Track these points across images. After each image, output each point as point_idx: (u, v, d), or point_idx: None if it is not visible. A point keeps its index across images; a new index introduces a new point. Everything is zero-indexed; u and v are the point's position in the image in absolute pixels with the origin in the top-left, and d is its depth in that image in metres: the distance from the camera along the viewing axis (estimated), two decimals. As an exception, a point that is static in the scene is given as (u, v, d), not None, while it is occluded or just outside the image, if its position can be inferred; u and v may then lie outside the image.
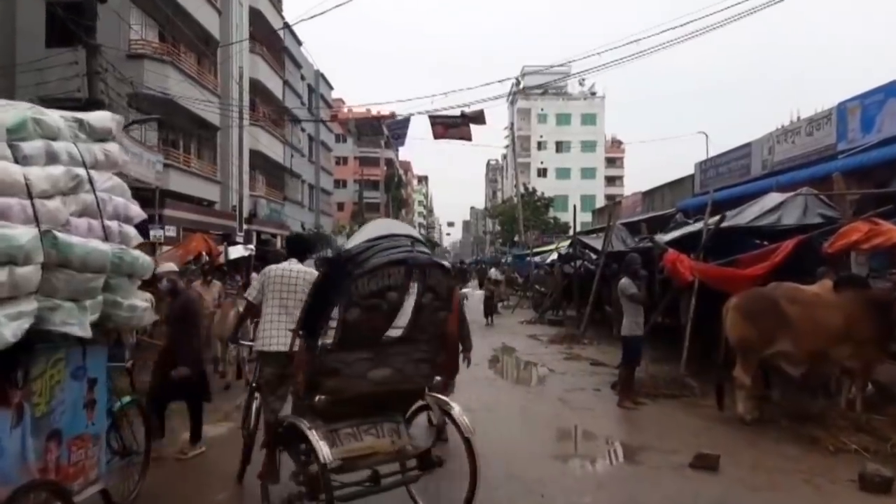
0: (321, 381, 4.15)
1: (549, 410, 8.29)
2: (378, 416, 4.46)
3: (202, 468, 5.90)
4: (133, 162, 18.68)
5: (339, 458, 4.07)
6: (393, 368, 4.39)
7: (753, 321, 7.46)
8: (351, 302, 4.08)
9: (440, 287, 4.41)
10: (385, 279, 4.12)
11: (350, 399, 4.27)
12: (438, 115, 16.75)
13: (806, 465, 6.01)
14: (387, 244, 4.24)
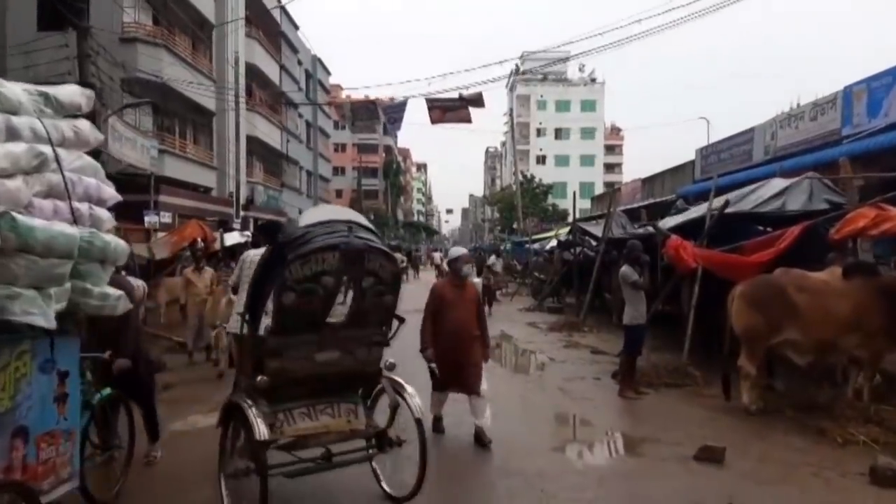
0: (264, 362, 4.30)
1: (549, 400, 8.08)
2: (334, 396, 4.59)
3: (190, 460, 5.66)
4: (127, 147, 18.45)
5: (291, 435, 4.30)
6: (342, 351, 4.54)
7: (760, 309, 7.23)
8: (285, 286, 4.20)
9: (383, 272, 4.52)
10: (319, 264, 4.24)
11: (298, 380, 4.42)
12: (436, 98, 16.40)
13: (814, 457, 5.81)
14: (322, 230, 4.35)
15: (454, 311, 6.33)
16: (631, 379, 8.33)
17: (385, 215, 70.40)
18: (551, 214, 52.58)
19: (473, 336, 6.37)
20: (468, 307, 6.42)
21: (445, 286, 6.58)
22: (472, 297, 6.52)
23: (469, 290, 6.55)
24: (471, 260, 6.68)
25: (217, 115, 27.05)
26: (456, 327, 6.29)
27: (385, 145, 76.82)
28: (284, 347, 4.34)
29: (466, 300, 6.43)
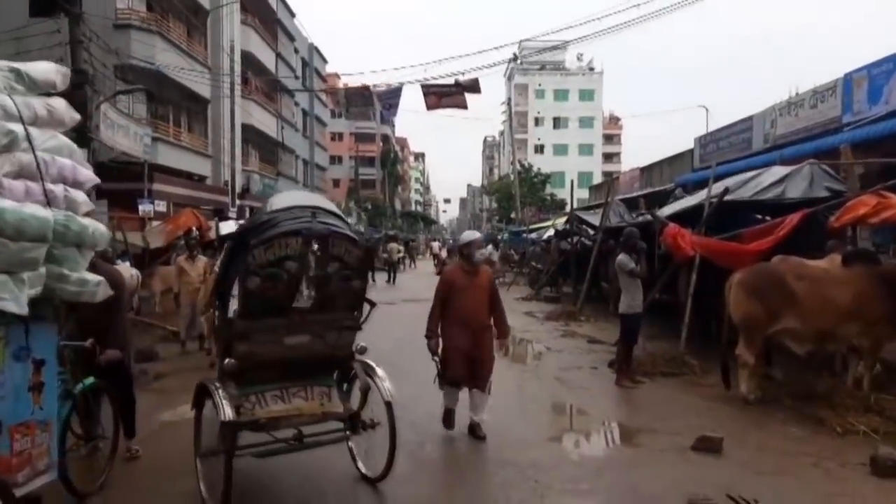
0: (233, 345, 4.42)
1: (545, 390, 7.97)
2: (308, 380, 4.67)
3: (178, 450, 5.53)
4: (120, 135, 18.24)
5: (263, 417, 4.39)
6: (312, 335, 4.60)
7: (758, 297, 7.12)
8: (249, 271, 4.30)
9: (349, 257, 4.58)
10: (282, 249, 4.32)
11: (268, 363, 4.51)
12: (432, 84, 16.16)
13: (813, 447, 5.72)
14: (286, 216, 4.44)
15: (464, 299, 5.96)
16: (628, 368, 8.23)
17: (382, 205, 70.17)
18: (549, 204, 52.41)
19: (485, 326, 6.03)
20: (480, 295, 6.00)
21: (456, 272, 6.17)
22: (484, 284, 6.07)
23: (482, 277, 6.11)
24: (482, 245, 6.28)
25: (212, 103, 26.80)
26: (465, 316, 5.93)
27: (382, 134, 76.45)
28: (252, 331, 4.42)
29: (478, 287, 6.01)
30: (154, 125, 21.80)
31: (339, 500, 4.84)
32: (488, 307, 6.05)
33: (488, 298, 6.06)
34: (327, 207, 4.72)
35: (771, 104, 17.24)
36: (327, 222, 4.52)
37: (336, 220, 4.63)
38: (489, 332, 6.07)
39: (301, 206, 4.57)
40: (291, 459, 5.02)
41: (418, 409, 6.87)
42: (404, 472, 5.19)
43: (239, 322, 4.40)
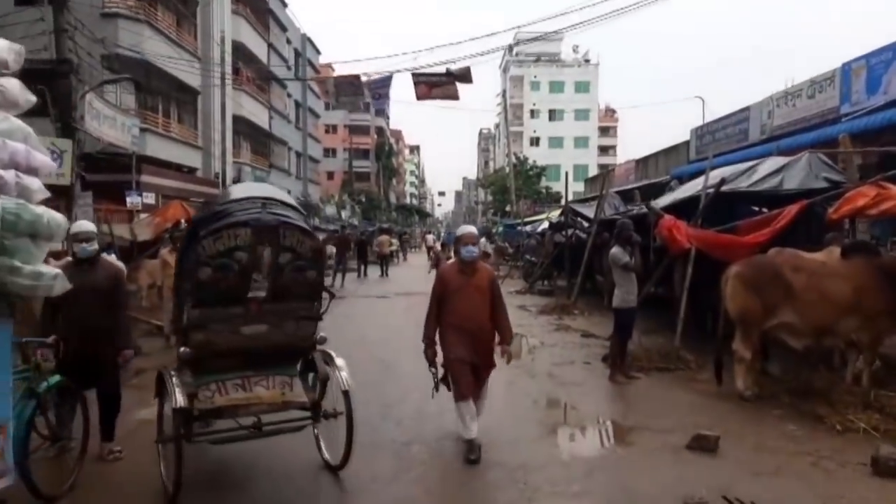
0: (189, 335, 4.50)
1: (537, 387, 7.76)
2: (270, 369, 4.71)
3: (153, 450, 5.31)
4: (106, 125, 17.91)
5: (224, 404, 4.48)
6: (270, 325, 4.65)
7: (755, 291, 6.92)
8: (200, 261, 4.39)
9: (301, 248, 4.63)
10: (231, 240, 4.39)
11: (225, 352, 4.58)
12: (422, 73, 15.85)
13: (812, 445, 5.53)
14: (237, 207, 4.52)
15: (458, 302, 5.36)
16: (622, 363, 8.04)
17: (377, 198, 69.86)
18: (545, 197, 52.22)
19: (484, 330, 5.43)
20: (477, 297, 5.38)
21: (450, 271, 5.54)
22: (483, 284, 5.43)
23: (479, 277, 5.46)
24: (475, 240, 5.51)
25: (202, 94, 26.43)
26: (460, 321, 5.35)
27: (377, 126, 76.05)
28: (208, 321, 4.49)
29: (475, 288, 5.38)
30: (142, 116, 21.43)
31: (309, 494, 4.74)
32: (488, 309, 5.43)
33: (488, 300, 5.44)
34: (281, 198, 4.79)
35: (768, 95, 17.05)
36: (278, 213, 4.56)
37: (288, 212, 4.68)
38: (489, 337, 5.52)
39: (253, 197, 4.63)
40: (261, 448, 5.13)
41: (406, 408, 6.69)
42: (389, 473, 5.00)
43: (194, 312, 4.47)
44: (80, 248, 5.10)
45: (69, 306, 4.84)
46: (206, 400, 4.48)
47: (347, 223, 43.54)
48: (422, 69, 15.93)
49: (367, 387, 7.60)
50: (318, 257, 4.81)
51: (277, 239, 4.51)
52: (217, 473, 5.15)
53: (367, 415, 6.40)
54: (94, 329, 4.96)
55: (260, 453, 5.33)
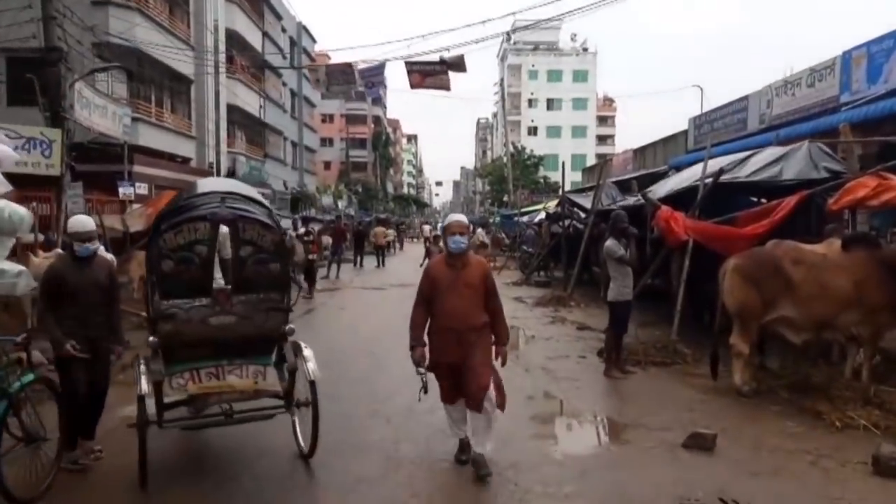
0: (158, 325, 4.66)
1: (531, 382, 7.60)
2: (244, 359, 4.84)
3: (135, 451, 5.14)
4: (97, 115, 17.67)
5: (197, 392, 4.65)
6: (238, 316, 4.76)
7: (754, 284, 6.77)
8: (162, 254, 4.63)
9: (262, 241, 4.80)
10: (191, 233, 4.60)
11: (195, 342, 4.72)
12: (416, 61, 15.61)
13: (811, 443, 5.40)
14: (197, 202, 4.74)
15: (447, 300, 4.80)
16: (617, 358, 7.89)
17: (374, 187, 69.59)
18: (542, 187, 51.99)
19: (475, 330, 4.81)
20: (468, 294, 4.80)
21: (438, 266, 4.95)
22: (474, 280, 4.82)
23: (470, 272, 4.85)
24: (464, 229, 4.88)
25: (196, 83, 26.15)
26: (448, 321, 4.79)
27: (374, 116, 75.61)
28: (176, 311, 4.64)
29: (465, 285, 4.80)
30: (134, 105, 21.17)
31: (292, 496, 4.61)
32: (481, 307, 4.85)
33: (481, 296, 4.85)
34: (243, 193, 4.97)
35: (767, 84, 16.86)
36: (236, 207, 4.72)
37: (249, 206, 4.83)
38: (482, 338, 4.86)
39: (214, 191, 4.83)
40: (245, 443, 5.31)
41: (395, 404, 6.55)
42: (376, 473, 4.86)
43: (163, 303, 4.64)
44: (81, 248, 4.78)
45: (70, 304, 4.71)
46: (179, 388, 4.65)
47: (344, 213, 43.33)
48: (416, 57, 15.71)
49: (357, 383, 7.49)
50: (280, 250, 4.93)
51: (236, 233, 4.68)
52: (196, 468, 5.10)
53: (355, 412, 6.28)
54: (96, 326, 4.86)
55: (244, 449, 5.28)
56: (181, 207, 4.80)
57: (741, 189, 9.99)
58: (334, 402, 6.53)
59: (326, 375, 7.71)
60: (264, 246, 4.80)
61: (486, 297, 4.88)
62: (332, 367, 8.30)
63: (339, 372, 8.04)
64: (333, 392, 6.96)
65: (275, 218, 5.19)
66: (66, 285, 4.72)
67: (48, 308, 4.71)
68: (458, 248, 4.85)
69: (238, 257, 4.73)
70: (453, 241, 4.83)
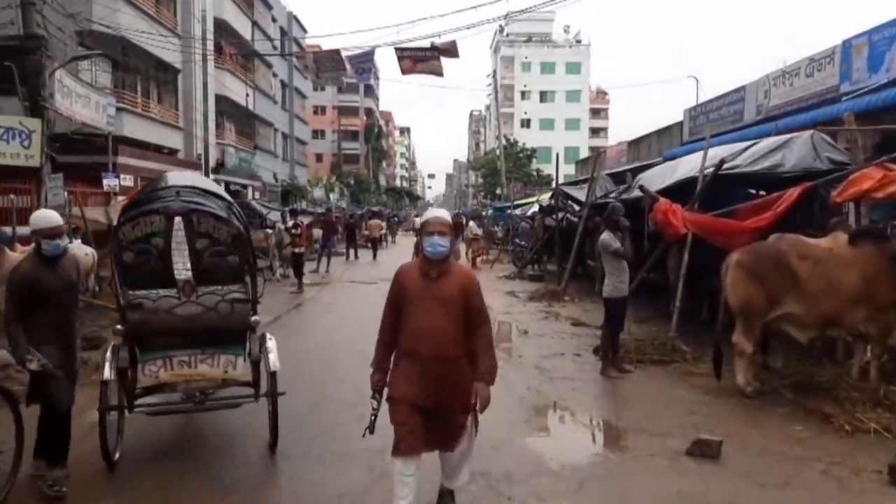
0: (126, 314, 4.79)
1: (524, 382, 7.26)
2: (217, 348, 4.98)
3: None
4: (79, 104, 17.22)
5: (167, 380, 4.92)
6: (204, 307, 4.87)
7: (758, 280, 6.47)
8: (122, 246, 4.78)
9: (218, 234, 4.87)
10: (147, 226, 4.72)
11: (163, 331, 4.85)
12: (406, 47, 15.20)
13: (821, 450, 5.10)
14: (153, 196, 4.90)
15: (416, 317, 3.68)
16: (614, 356, 7.58)
17: (367, 180, 69.11)
18: (535, 180, 51.69)
19: (447, 362, 3.66)
20: (439, 312, 3.65)
21: (410, 271, 3.84)
22: (449, 294, 3.67)
23: (447, 284, 3.70)
24: (446, 229, 3.71)
25: (183, 73, 25.64)
26: (415, 345, 3.67)
27: (366, 108, 75.08)
28: (142, 302, 4.77)
29: (436, 299, 3.66)
30: (119, 95, 20.68)
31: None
32: (458, 331, 3.68)
33: (459, 317, 3.68)
34: (201, 187, 5.09)
35: (764, 74, 16.55)
36: (190, 200, 4.81)
37: (205, 200, 4.92)
38: (458, 374, 3.69)
39: (172, 185, 4.93)
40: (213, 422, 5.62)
41: (382, 410, 6.16)
42: (359, 486, 4.53)
43: (129, 293, 4.79)
44: (50, 245, 4.34)
45: (44, 310, 4.27)
46: (150, 374, 4.88)
47: (336, 206, 42.92)
48: (405, 43, 15.30)
49: (343, 383, 7.14)
50: (238, 243, 4.99)
51: (191, 225, 4.76)
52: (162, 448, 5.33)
53: (340, 418, 5.94)
54: (71, 332, 4.55)
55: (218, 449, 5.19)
56: (138, 201, 4.98)
57: (740, 180, 9.69)
58: (320, 405, 6.23)
59: (312, 376, 7.46)
60: (220, 238, 4.90)
61: (466, 318, 3.67)
62: (318, 366, 7.98)
63: (324, 372, 7.72)
64: (319, 393, 6.65)
65: (236, 211, 5.21)
66: (40, 289, 4.26)
67: (17, 317, 4.17)
68: (436, 253, 3.67)
69: (194, 250, 4.82)
70: (430, 244, 3.66)
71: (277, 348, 5.26)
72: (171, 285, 4.84)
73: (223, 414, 5.60)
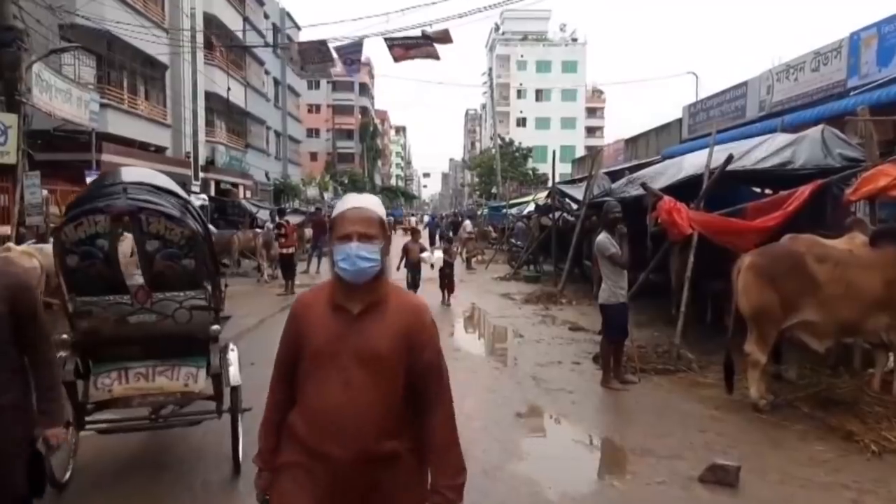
0: (74, 322, 4.41)
1: (519, 394, 6.73)
2: (177, 359, 4.59)
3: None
4: (60, 100, 16.66)
5: (122, 394, 4.47)
6: (160, 315, 4.48)
7: (774, 284, 5.95)
8: (65, 248, 4.31)
9: (171, 235, 4.43)
10: (91, 227, 4.26)
11: (115, 341, 4.48)
12: (396, 36, 14.63)
13: (847, 474, 4.59)
14: (98, 193, 4.45)
15: (324, 386, 2.14)
16: (616, 366, 7.04)
17: (362, 179, 68.55)
18: (531, 179, 51.23)
19: (376, 463, 2.11)
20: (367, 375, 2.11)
21: (315, 305, 2.23)
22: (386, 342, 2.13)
23: (381, 325, 2.15)
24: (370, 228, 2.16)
25: (172, 69, 25.06)
26: (321, 437, 2.11)
27: (361, 106, 74.50)
28: (91, 308, 4.39)
29: (361, 352, 2.12)
30: (103, 91, 20.11)
31: None
32: (392, 410, 2.14)
33: (399, 383, 2.16)
34: (153, 183, 4.57)
35: (767, 68, 16.08)
36: (138, 198, 4.33)
37: (157, 197, 4.45)
38: (398, 480, 2.16)
39: (119, 181, 4.45)
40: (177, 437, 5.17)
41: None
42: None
43: (76, 300, 4.40)
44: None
45: None
46: (103, 388, 4.47)
47: (328, 205, 42.39)
48: (395, 32, 14.73)
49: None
50: (193, 244, 4.53)
51: (139, 226, 4.31)
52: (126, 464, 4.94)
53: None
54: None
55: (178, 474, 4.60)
56: (82, 199, 4.56)
57: (745, 179, 9.22)
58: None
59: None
60: (173, 240, 4.44)
61: (411, 387, 2.17)
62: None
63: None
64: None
65: (192, 210, 4.72)
66: None
67: None
68: (357, 273, 2.13)
69: (144, 252, 4.40)
70: (345, 256, 2.12)
71: (262, 354, 4.92)
72: (124, 291, 4.44)
73: (188, 430, 5.09)
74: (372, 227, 2.16)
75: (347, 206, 2.22)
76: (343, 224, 2.16)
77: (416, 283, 12.63)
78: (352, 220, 2.16)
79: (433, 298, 12.44)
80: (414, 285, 12.39)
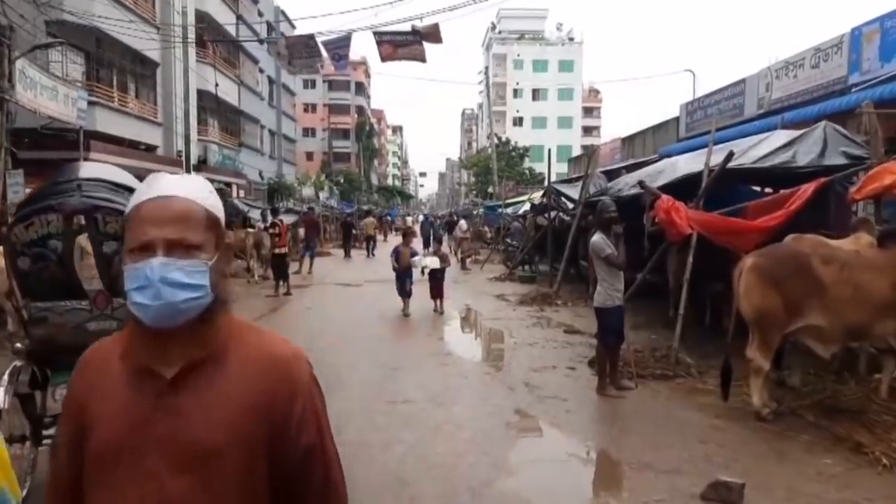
0: (29, 329, 4.22)
1: (511, 402, 6.42)
2: None
3: None
4: (45, 97, 16.32)
5: None
6: (121, 321, 4.08)
7: (778, 287, 5.67)
8: (16, 250, 4.11)
9: None
10: (42, 226, 4.06)
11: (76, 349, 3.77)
12: (385, 31, 14.33)
13: (858, 490, 4.32)
14: (51, 190, 4.20)
15: (123, 498, 1.22)
16: (612, 372, 6.75)
17: (358, 178, 68.20)
18: (528, 178, 50.94)
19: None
20: (187, 481, 1.20)
21: (106, 370, 1.33)
22: (223, 426, 1.23)
23: (215, 393, 1.25)
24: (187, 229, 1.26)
25: (163, 67, 24.71)
26: None
27: (357, 106, 74.17)
28: (47, 315, 4.17)
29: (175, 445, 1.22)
30: (91, 88, 19.76)
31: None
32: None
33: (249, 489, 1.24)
34: (111, 180, 4.29)
35: (766, 65, 15.80)
36: (93, 196, 4.07)
37: (112, 195, 4.16)
38: None
39: (73, 178, 4.21)
40: None
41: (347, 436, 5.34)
42: None
43: (31, 305, 4.20)
44: None
45: None
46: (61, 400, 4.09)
47: (324, 205, 42.04)
48: (384, 27, 14.45)
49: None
50: None
51: (95, 225, 4.06)
52: None
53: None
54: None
55: None
56: (34, 197, 4.38)
57: (745, 177, 8.96)
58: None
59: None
60: None
61: (272, 495, 1.28)
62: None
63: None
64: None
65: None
66: None
67: None
68: (162, 310, 1.23)
69: (101, 254, 4.11)
70: (141, 281, 1.24)
71: None
72: (82, 296, 4.19)
73: None
74: (191, 230, 1.26)
75: (146, 195, 1.29)
76: (140, 226, 1.26)
77: (408, 291, 11.72)
78: (154, 219, 1.25)
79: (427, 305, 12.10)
80: (405, 294, 11.72)
